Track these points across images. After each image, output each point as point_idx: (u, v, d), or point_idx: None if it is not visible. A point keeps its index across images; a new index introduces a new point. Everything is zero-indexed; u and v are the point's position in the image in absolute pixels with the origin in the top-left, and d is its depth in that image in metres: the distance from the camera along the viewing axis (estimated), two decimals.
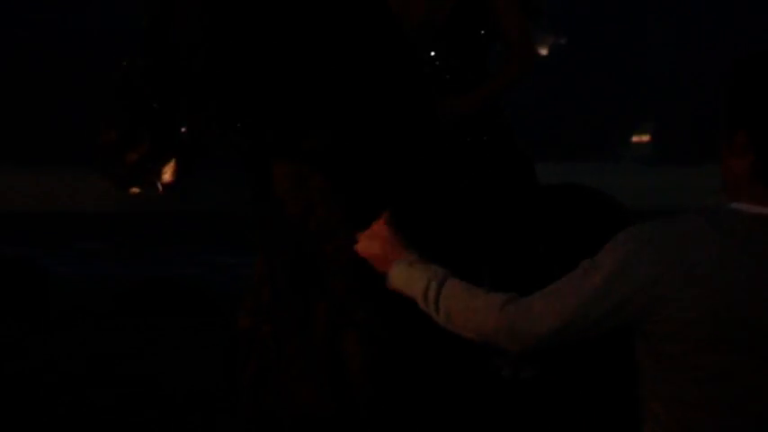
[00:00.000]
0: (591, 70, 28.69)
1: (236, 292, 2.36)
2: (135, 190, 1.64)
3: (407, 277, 1.52)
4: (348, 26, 1.72)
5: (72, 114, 27.84)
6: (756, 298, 1.37)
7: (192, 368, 6.27)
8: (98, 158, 1.57)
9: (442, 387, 1.81)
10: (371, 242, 1.59)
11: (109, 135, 1.53)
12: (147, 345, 7.45)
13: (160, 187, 1.62)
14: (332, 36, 1.69)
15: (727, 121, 1.45)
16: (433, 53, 2.30)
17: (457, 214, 1.89)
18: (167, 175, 1.60)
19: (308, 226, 1.79)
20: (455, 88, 2.27)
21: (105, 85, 1.52)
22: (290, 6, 1.64)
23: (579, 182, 2.53)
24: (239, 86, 1.60)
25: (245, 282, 2.17)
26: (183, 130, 1.58)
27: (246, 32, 1.58)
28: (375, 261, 1.59)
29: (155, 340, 7.59)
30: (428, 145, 1.84)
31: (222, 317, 6.48)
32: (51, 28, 35.42)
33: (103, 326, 8.45)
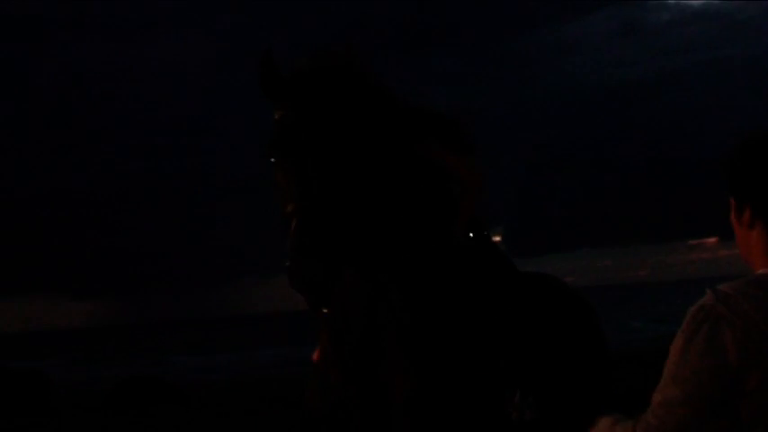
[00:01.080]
0: None
1: (202, 384, 16.87)
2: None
3: None
4: (403, 212, 2.34)
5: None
6: None
7: None
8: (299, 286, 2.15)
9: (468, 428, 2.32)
10: None
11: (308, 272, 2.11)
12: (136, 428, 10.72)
13: None
14: (393, 217, 2.31)
15: (736, 199, 1.67)
16: None
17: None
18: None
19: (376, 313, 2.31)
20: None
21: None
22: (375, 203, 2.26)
23: None
24: (349, 251, 2.21)
25: (203, 375, 17.05)
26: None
27: (350, 229, 2.19)
28: None
29: (144, 426, 10.77)
30: (448, 258, 2.40)
31: (194, 404, 12.39)
32: None
33: (96, 418, 12.10)
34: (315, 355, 2.56)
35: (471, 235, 2.44)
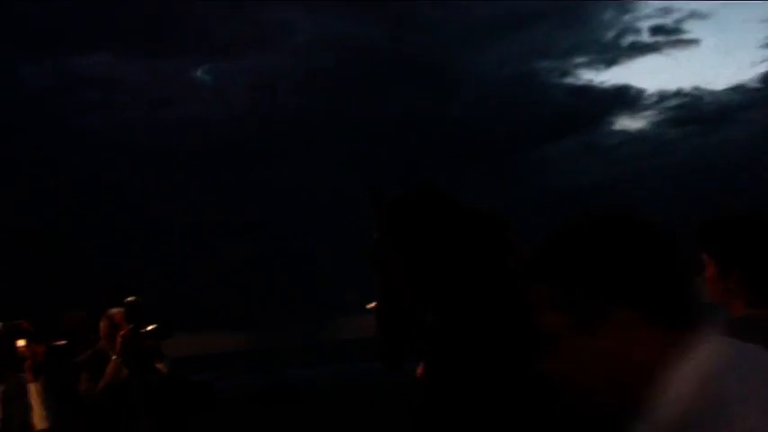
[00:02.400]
0: None
1: (316, 389, 23.68)
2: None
3: None
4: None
5: None
6: None
7: None
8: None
9: None
10: None
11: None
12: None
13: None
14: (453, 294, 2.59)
15: (721, 263, 2.35)
16: None
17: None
18: None
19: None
20: None
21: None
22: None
23: None
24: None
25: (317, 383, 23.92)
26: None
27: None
28: None
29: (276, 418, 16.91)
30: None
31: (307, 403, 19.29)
32: None
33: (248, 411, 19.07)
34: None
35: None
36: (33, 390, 4.16)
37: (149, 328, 4.38)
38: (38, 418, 4.14)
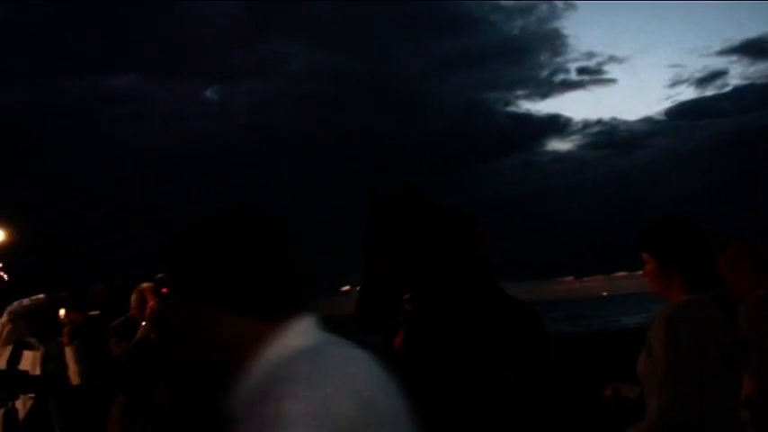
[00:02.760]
0: None
1: None
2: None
3: None
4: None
5: None
6: None
7: None
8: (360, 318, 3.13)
9: None
10: None
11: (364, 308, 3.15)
12: None
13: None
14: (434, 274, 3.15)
15: (660, 258, 2.83)
16: None
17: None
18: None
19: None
20: None
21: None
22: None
23: None
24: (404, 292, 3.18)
25: None
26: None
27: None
28: None
29: None
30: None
31: None
32: None
33: None
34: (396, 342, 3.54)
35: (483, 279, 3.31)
36: (69, 351, 4.75)
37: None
38: (73, 374, 4.77)
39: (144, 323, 4.70)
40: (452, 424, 3.08)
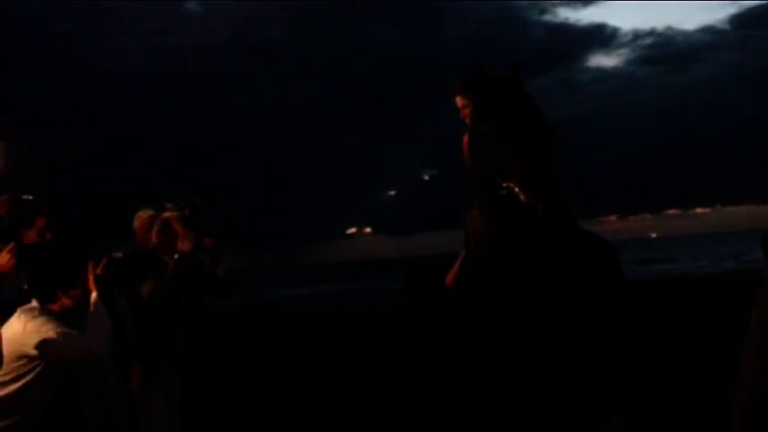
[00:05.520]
0: None
1: (302, 307, 25.26)
2: None
3: None
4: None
5: None
6: None
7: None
8: None
9: None
10: None
11: None
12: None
13: None
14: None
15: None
16: None
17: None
18: None
19: None
20: None
21: None
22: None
23: None
24: None
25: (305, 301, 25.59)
26: None
27: None
28: None
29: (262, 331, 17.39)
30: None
31: (293, 319, 20.77)
32: None
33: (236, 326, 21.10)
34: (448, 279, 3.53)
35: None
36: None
37: (213, 230, 4.53)
38: None
39: (178, 257, 4.32)
40: (523, 362, 3.06)
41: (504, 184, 3.03)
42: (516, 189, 2.93)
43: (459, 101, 3.70)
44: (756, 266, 3.19)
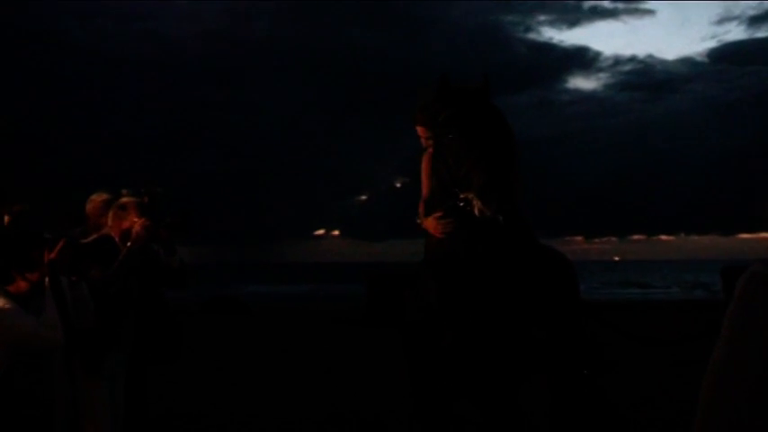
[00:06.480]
0: None
1: (264, 303, 25.36)
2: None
3: None
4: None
5: None
6: None
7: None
8: None
9: None
10: None
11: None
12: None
13: None
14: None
15: None
16: None
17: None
18: None
19: None
20: None
21: None
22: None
23: None
24: None
25: (267, 298, 26.19)
26: None
27: None
28: None
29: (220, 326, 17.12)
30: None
31: (254, 314, 20.66)
32: None
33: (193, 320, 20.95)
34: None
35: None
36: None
37: (170, 221, 4.41)
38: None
39: (131, 243, 4.24)
40: (473, 375, 3.04)
41: (463, 196, 3.03)
42: (475, 201, 2.92)
43: (419, 131, 3.73)
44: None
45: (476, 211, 2.91)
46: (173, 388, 8.01)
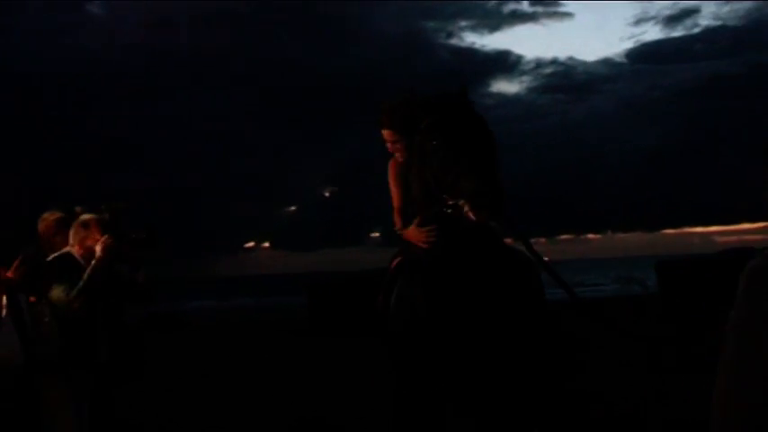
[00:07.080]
0: None
1: (202, 319, 24.56)
2: None
3: None
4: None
5: None
6: None
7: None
8: None
9: None
10: None
11: None
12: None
13: None
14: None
15: None
16: None
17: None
18: None
19: None
20: None
21: None
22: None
23: None
24: None
25: (207, 313, 25.08)
26: None
27: None
28: None
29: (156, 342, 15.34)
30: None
31: (192, 330, 20.15)
32: None
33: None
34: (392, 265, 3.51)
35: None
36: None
37: (135, 236, 4.39)
38: None
39: (95, 261, 4.21)
40: (458, 385, 3.06)
41: (451, 202, 3.03)
42: (465, 207, 2.93)
43: (385, 134, 3.69)
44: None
45: (470, 217, 2.91)
46: (132, 407, 7.89)
